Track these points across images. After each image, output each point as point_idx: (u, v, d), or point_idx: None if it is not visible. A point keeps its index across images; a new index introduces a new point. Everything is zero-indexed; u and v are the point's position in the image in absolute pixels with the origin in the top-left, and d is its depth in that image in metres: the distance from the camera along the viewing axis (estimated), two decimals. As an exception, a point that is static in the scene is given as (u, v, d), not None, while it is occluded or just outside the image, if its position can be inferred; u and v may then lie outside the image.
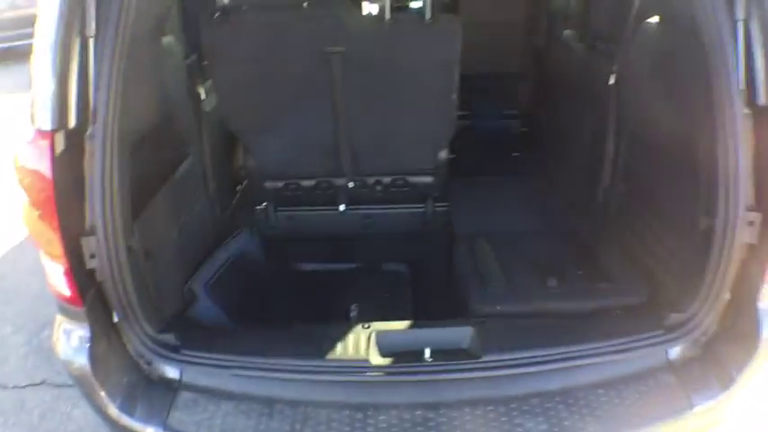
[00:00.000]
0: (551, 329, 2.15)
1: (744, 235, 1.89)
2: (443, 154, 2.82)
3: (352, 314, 2.40)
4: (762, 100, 1.84)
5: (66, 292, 1.88)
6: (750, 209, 1.87)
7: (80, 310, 1.89)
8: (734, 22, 1.82)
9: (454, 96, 2.60)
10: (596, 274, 2.48)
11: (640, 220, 2.48)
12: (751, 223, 1.88)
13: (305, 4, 2.42)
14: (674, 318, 2.02)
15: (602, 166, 2.77)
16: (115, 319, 1.95)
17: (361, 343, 2.11)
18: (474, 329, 2.11)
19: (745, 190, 1.87)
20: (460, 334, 2.10)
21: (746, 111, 1.83)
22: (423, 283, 2.78)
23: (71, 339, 1.93)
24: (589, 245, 2.67)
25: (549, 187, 3.25)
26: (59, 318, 1.98)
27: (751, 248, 1.91)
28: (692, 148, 2.05)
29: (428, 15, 2.43)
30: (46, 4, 1.76)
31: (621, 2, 2.68)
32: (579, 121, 3.00)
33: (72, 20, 1.77)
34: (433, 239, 2.93)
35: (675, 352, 2.01)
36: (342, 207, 2.89)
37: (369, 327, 2.17)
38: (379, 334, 2.13)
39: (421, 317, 2.37)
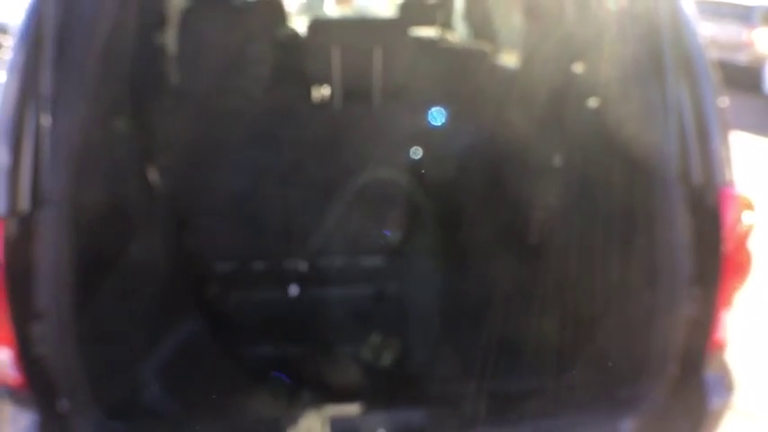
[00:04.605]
0: (503, 408, 2.16)
1: (686, 308, 1.95)
2: (394, 234, 2.87)
3: (306, 398, 2.39)
4: (697, 179, 1.94)
5: (14, 377, 1.85)
6: (690, 283, 1.95)
7: (28, 395, 1.87)
8: (664, 91, 1.92)
9: (405, 180, 2.66)
10: (545, 350, 2.51)
11: (588, 296, 2.54)
12: (692, 297, 1.95)
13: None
14: (624, 391, 2.06)
15: (551, 242, 2.83)
16: (63, 405, 1.92)
17: (314, 429, 2.10)
18: (428, 411, 2.12)
19: (685, 265, 1.94)
20: (415, 417, 2.11)
21: (682, 189, 1.92)
22: (376, 364, 2.78)
23: (18, 426, 1.89)
24: (537, 321, 2.71)
25: (501, 266, 3.30)
26: (6, 403, 1.94)
27: (693, 321, 1.97)
28: (634, 225, 2.12)
29: (376, 103, 2.51)
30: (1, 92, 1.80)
31: (564, 84, 2.80)
32: (528, 200, 3.08)
33: (26, 108, 1.81)
34: (385, 320, 2.94)
35: (626, 425, 2.03)
36: (292, 290, 2.89)
37: (322, 411, 2.17)
38: (333, 418, 2.13)
39: (375, 399, 2.37)
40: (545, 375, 2.35)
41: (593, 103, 2.52)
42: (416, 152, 3.02)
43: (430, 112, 3.19)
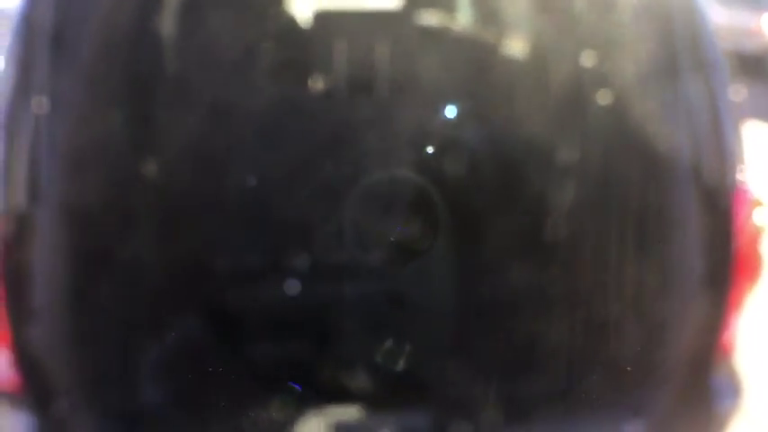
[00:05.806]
0: (513, 413, 2.13)
1: (697, 311, 1.92)
2: (406, 232, 2.82)
3: (309, 401, 2.36)
4: (710, 179, 1.90)
5: (11, 379, 1.83)
6: (702, 285, 1.91)
7: (25, 397, 1.84)
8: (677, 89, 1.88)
9: (415, 176, 2.61)
10: (557, 354, 2.48)
11: (602, 299, 2.50)
12: (702, 300, 1.92)
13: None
14: (632, 395, 2.03)
15: (567, 245, 2.79)
16: (60, 407, 1.90)
17: None
18: (437, 416, 2.09)
19: (697, 268, 1.91)
20: (424, 422, 2.10)
21: (695, 189, 1.89)
22: (377, 361, 2.75)
23: (14, 428, 1.87)
24: (550, 325, 2.67)
25: (502, 273, 3.25)
26: (2, 405, 1.92)
27: (703, 324, 1.94)
28: (648, 228, 2.09)
29: (383, 95, 2.47)
30: None
31: (574, 79, 2.75)
32: (541, 199, 3.03)
33: (21, 102, 1.77)
34: (395, 322, 2.91)
35: (634, 430, 2.01)
36: (294, 289, 2.85)
37: (326, 415, 2.14)
38: (338, 423, 2.12)
39: (382, 402, 2.33)
40: (556, 380, 2.32)
41: (604, 100, 2.47)
42: (429, 144, 2.96)
43: (443, 107, 3.14)
